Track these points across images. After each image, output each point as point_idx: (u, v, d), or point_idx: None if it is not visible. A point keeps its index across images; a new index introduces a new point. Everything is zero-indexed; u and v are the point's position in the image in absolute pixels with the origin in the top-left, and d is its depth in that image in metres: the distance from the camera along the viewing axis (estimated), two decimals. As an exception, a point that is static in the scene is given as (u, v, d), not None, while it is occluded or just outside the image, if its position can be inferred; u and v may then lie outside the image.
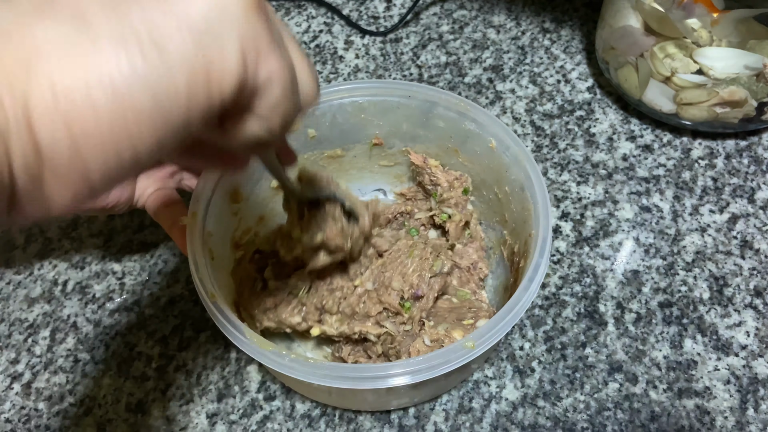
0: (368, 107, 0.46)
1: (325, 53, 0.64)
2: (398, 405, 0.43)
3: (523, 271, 0.38)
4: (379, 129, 0.48)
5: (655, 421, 0.43)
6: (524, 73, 0.61)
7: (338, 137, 0.48)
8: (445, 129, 0.46)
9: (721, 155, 0.55)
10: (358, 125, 0.47)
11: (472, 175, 0.47)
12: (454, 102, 0.44)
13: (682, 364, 0.45)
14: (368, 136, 0.48)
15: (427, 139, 0.47)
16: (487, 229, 0.49)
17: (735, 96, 0.50)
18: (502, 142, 0.43)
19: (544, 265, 0.37)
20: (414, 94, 0.45)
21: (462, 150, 0.46)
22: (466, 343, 0.34)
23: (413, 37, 0.65)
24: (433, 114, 0.45)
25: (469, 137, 0.45)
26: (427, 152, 0.48)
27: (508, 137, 0.43)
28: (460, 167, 0.48)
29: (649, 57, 0.52)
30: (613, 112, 0.58)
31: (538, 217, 0.39)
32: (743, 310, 0.47)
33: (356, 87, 0.45)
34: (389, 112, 0.46)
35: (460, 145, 0.46)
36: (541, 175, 0.41)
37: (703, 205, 0.52)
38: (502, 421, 0.43)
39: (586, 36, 0.64)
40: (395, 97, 0.45)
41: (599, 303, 0.48)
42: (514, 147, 0.42)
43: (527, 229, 0.40)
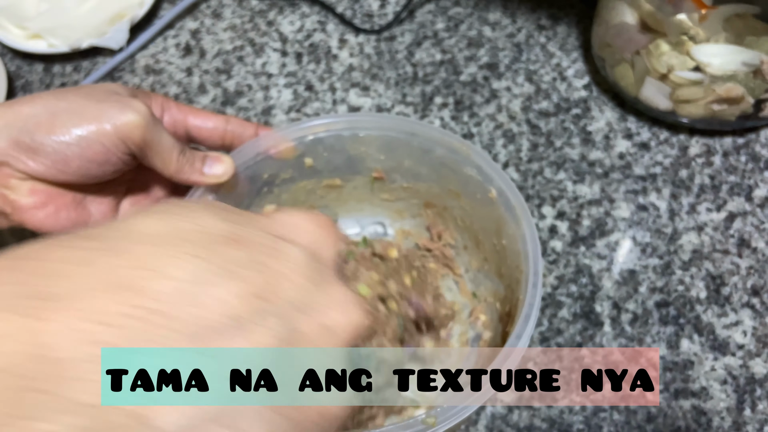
0: (368, 141, 0.44)
1: (318, 52, 0.64)
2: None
3: (506, 337, 0.36)
4: (380, 163, 0.46)
5: (652, 422, 0.42)
6: (520, 71, 0.61)
7: (336, 168, 0.46)
8: (447, 171, 0.44)
9: (719, 153, 0.54)
10: (358, 158, 0.46)
11: (473, 220, 0.45)
12: (457, 145, 0.42)
13: (678, 365, 0.44)
14: (369, 169, 0.47)
15: (430, 178, 0.46)
16: (485, 280, 0.46)
17: (732, 93, 0.50)
18: (501, 193, 0.41)
19: (523, 341, 0.35)
20: (417, 132, 0.43)
21: (464, 194, 0.44)
22: (427, 419, 0.32)
23: (408, 35, 0.64)
24: (435, 154, 0.43)
25: (470, 183, 0.43)
26: (429, 191, 0.47)
27: (508, 189, 0.40)
28: (461, 212, 0.46)
29: (646, 54, 0.52)
30: (609, 110, 0.58)
31: (527, 285, 0.37)
32: (740, 310, 0.46)
33: (357, 119, 0.44)
34: (391, 148, 0.45)
35: (462, 189, 0.44)
36: (536, 238, 0.38)
37: (700, 204, 0.52)
38: (497, 423, 0.43)
39: (582, 33, 0.63)
40: (397, 133, 0.43)
41: (595, 303, 0.47)
42: (513, 200, 0.40)
43: (518, 292, 0.38)
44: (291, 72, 0.62)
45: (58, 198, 0.38)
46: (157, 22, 0.66)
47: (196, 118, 0.42)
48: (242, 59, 0.64)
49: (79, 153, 0.36)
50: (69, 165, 0.36)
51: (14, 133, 0.35)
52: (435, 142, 0.43)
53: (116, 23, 0.64)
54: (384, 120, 0.44)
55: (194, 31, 0.66)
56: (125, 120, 0.36)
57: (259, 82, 0.62)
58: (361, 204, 0.50)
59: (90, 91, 0.37)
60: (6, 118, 0.35)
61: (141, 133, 0.36)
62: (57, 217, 0.38)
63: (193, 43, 0.66)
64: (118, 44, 0.63)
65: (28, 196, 0.37)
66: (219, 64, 0.64)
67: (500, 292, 0.44)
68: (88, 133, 0.35)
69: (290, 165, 0.44)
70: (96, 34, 0.63)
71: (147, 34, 0.65)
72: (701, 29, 0.48)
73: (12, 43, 0.63)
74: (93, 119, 0.35)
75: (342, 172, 0.47)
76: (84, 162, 0.36)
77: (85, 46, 0.63)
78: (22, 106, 0.36)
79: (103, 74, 0.63)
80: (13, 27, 0.64)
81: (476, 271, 0.48)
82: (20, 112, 0.36)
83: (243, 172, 0.42)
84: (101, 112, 0.36)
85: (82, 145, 0.35)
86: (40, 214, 0.38)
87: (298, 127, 0.43)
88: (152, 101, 0.40)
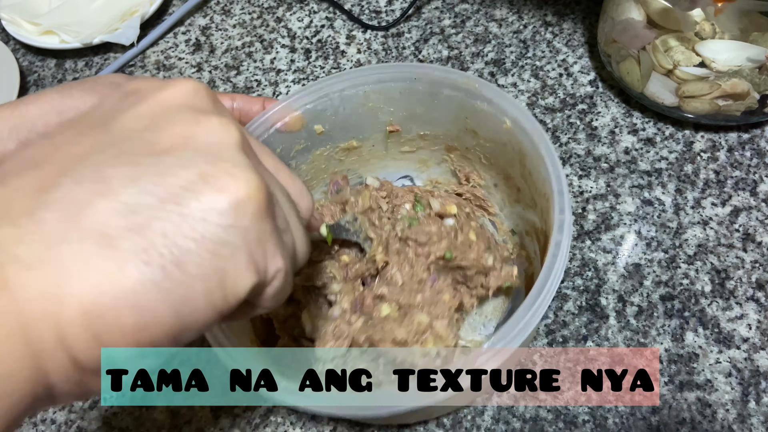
0: (373, 95, 0.43)
1: (327, 48, 0.64)
2: (415, 420, 0.43)
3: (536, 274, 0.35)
4: (392, 115, 0.45)
5: (656, 414, 0.43)
6: (526, 67, 0.61)
7: (349, 129, 0.45)
8: (458, 110, 0.42)
9: (724, 148, 0.55)
10: (367, 114, 0.44)
11: (497, 156, 0.44)
12: (462, 81, 0.41)
13: (683, 357, 0.45)
14: (382, 124, 0.46)
15: (445, 121, 0.44)
16: (523, 213, 0.45)
17: (737, 88, 0.50)
18: (515, 122, 0.39)
19: (552, 280, 0.34)
20: (419, 76, 0.42)
21: (481, 131, 0.43)
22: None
23: (415, 32, 0.65)
24: (443, 95, 0.42)
25: (484, 117, 0.41)
26: (447, 134, 0.45)
27: (521, 115, 0.39)
28: (483, 149, 0.44)
29: (651, 50, 0.52)
30: (615, 105, 0.58)
31: (555, 206, 0.35)
32: (745, 303, 0.47)
33: (356, 75, 0.43)
34: (398, 98, 0.43)
35: (478, 126, 0.42)
36: (557, 160, 0.37)
37: (705, 198, 0.52)
38: (503, 413, 0.43)
39: (588, 29, 0.64)
40: (400, 81, 0.42)
41: (601, 296, 0.48)
42: (528, 127, 0.38)
43: (548, 222, 0.37)
44: (299, 68, 0.63)
45: None
46: (168, 18, 0.66)
47: None
48: (251, 55, 0.64)
49: None
50: None
51: (23, 135, 0.35)
52: (440, 83, 0.42)
53: (127, 19, 0.65)
54: (384, 69, 0.43)
55: (204, 27, 0.67)
56: None
57: (268, 77, 0.63)
58: (384, 161, 0.49)
59: (93, 85, 0.37)
60: (13, 120, 0.35)
61: None
62: None
63: (203, 39, 0.66)
64: (129, 40, 0.64)
65: None
66: (228, 60, 0.64)
67: (538, 223, 0.42)
68: None
69: (301, 135, 0.44)
70: (107, 30, 0.64)
71: (157, 31, 0.65)
72: (717, 24, 0.49)
73: (24, 39, 0.64)
74: None
75: (356, 133, 0.46)
76: None
77: (97, 41, 0.63)
78: (29, 107, 0.36)
79: (114, 70, 0.64)
80: (25, 23, 0.65)
81: (511, 207, 0.46)
82: (27, 113, 0.35)
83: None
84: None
85: None
86: None
87: (302, 93, 0.43)
88: None
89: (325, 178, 0.48)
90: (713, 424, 0.42)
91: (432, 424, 0.43)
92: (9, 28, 0.65)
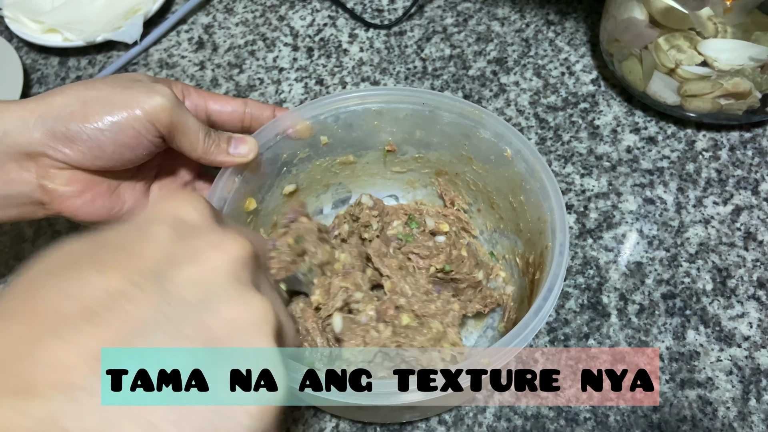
0: (381, 114, 0.45)
1: (329, 47, 0.65)
2: (411, 418, 0.43)
3: (539, 284, 0.37)
4: (392, 136, 0.47)
5: (658, 411, 0.43)
6: (528, 66, 0.61)
7: (351, 144, 0.47)
8: (459, 137, 0.45)
9: (726, 147, 0.55)
10: (371, 132, 0.47)
11: (486, 183, 0.47)
12: (469, 110, 0.44)
13: (684, 355, 0.45)
14: (381, 143, 0.48)
15: (441, 146, 0.47)
16: (501, 238, 0.48)
17: (739, 87, 0.50)
18: (518, 152, 0.42)
19: (559, 282, 0.36)
20: (428, 101, 0.44)
21: (476, 158, 0.46)
22: (482, 360, 0.33)
23: (417, 30, 0.65)
24: (447, 122, 0.45)
25: (484, 145, 0.44)
26: (440, 159, 0.48)
27: (524, 147, 0.42)
28: (474, 175, 0.47)
29: (654, 49, 0.52)
30: (617, 104, 0.58)
31: (555, 229, 0.38)
32: (746, 302, 0.47)
33: (369, 94, 0.45)
34: (402, 119, 0.46)
35: (475, 153, 0.45)
36: (556, 184, 0.40)
37: (706, 197, 0.52)
38: (505, 411, 0.44)
39: (590, 28, 0.64)
40: (408, 104, 0.45)
41: (602, 294, 0.48)
42: (530, 157, 0.41)
43: (543, 240, 0.40)
44: (302, 66, 0.63)
45: (95, 186, 0.40)
46: (171, 16, 0.67)
47: (215, 103, 0.43)
48: (254, 53, 0.65)
49: (113, 138, 0.37)
50: (104, 150, 0.37)
51: (49, 123, 0.36)
52: (446, 110, 0.44)
53: (130, 18, 0.65)
54: (395, 92, 0.45)
55: (207, 25, 0.67)
56: (153, 104, 0.37)
57: (270, 76, 0.63)
58: (373, 179, 0.51)
59: (116, 79, 0.39)
60: (40, 110, 0.37)
61: (168, 115, 0.37)
62: (93, 204, 0.40)
63: (206, 37, 0.66)
64: (132, 38, 0.64)
65: (66, 185, 0.39)
66: (231, 58, 0.64)
67: (518, 248, 0.45)
68: (119, 119, 0.37)
69: (307, 144, 0.45)
70: (110, 29, 0.64)
71: (160, 29, 0.66)
72: (726, 21, 0.49)
73: (28, 37, 0.64)
74: (123, 105, 0.37)
75: (356, 148, 0.48)
76: (118, 147, 0.37)
77: (100, 40, 0.64)
78: (54, 97, 0.37)
79: (117, 68, 0.64)
80: (29, 21, 0.65)
81: (491, 231, 0.49)
82: (53, 102, 0.37)
83: (264, 153, 0.43)
84: (130, 98, 0.37)
85: (114, 131, 0.37)
86: (78, 202, 0.39)
87: (313, 105, 0.44)
88: (174, 87, 0.42)
89: (317, 188, 0.50)
90: (714, 421, 0.42)
91: (434, 422, 0.43)
92: (12, 26, 0.65)
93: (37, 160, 0.37)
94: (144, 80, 0.39)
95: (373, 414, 0.43)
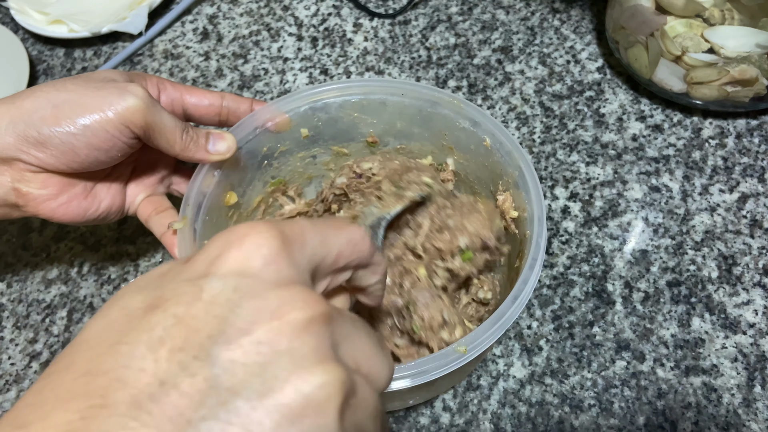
0: (361, 106, 0.45)
1: (333, 36, 0.64)
2: (400, 407, 0.44)
3: (519, 271, 0.37)
4: (373, 127, 0.47)
5: (662, 398, 0.43)
6: (533, 54, 0.61)
7: (333, 136, 0.47)
8: (439, 127, 0.45)
9: (732, 134, 0.54)
10: (352, 124, 0.46)
11: (467, 172, 0.47)
12: (447, 100, 0.44)
13: (689, 342, 0.45)
14: (362, 135, 0.48)
15: (422, 137, 0.47)
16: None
17: (746, 75, 0.50)
18: (497, 141, 0.42)
19: (537, 266, 0.36)
20: (407, 92, 0.44)
21: (457, 148, 0.46)
22: (458, 348, 0.33)
23: (422, 19, 0.65)
24: (427, 112, 0.45)
25: (463, 135, 0.44)
26: (422, 149, 0.48)
27: (503, 135, 0.42)
28: (455, 165, 0.47)
29: (660, 36, 0.52)
30: (623, 92, 0.58)
31: (533, 218, 0.38)
32: (752, 289, 0.47)
33: (349, 86, 0.45)
34: (382, 111, 0.45)
35: (455, 143, 0.45)
36: (535, 173, 0.40)
37: (712, 185, 0.52)
38: (509, 398, 0.44)
39: (596, 16, 0.63)
40: (388, 95, 0.44)
41: (607, 282, 0.48)
42: (509, 145, 0.41)
43: (522, 229, 0.40)
44: (306, 56, 0.63)
45: (70, 188, 0.39)
46: (175, 7, 0.67)
47: (192, 96, 0.43)
48: (258, 44, 0.65)
49: (86, 142, 0.36)
50: (78, 154, 0.37)
51: (21, 128, 0.36)
52: (425, 100, 0.44)
53: (135, 8, 0.65)
54: (374, 83, 0.45)
55: (211, 16, 0.67)
56: (125, 105, 0.36)
57: (275, 66, 0.63)
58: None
59: (87, 79, 0.38)
60: (10, 115, 0.36)
61: (142, 116, 0.36)
62: (69, 206, 0.39)
63: (211, 28, 0.66)
64: (137, 29, 0.64)
65: (41, 188, 0.38)
66: (236, 48, 0.64)
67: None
68: (92, 122, 0.36)
69: (287, 137, 0.45)
70: (116, 20, 0.64)
71: (165, 20, 0.66)
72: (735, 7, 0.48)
73: (33, 28, 0.64)
74: (95, 108, 0.36)
75: (338, 140, 0.48)
76: (92, 150, 0.37)
77: (105, 31, 0.64)
78: (24, 101, 0.36)
79: (122, 59, 0.64)
80: (34, 12, 0.65)
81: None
82: (23, 107, 0.36)
83: (243, 146, 0.43)
84: (102, 100, 0.36)
85: (87, 135, 0.36)
86: (53, 204, 0.39)
87: (291, 98, 0.44)
88: (148, 83, 0.41)
89: (300, 181, 0.50)
90: (719, 408, 0.42)
91: (438, 408, 0.44)
92: (18, 18, 0.65)
93: (11, 164, 0.37)
94: (117, 78, 0.38)
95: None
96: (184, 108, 0.43)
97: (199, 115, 0.43)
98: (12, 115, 0.36)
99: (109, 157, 0.38)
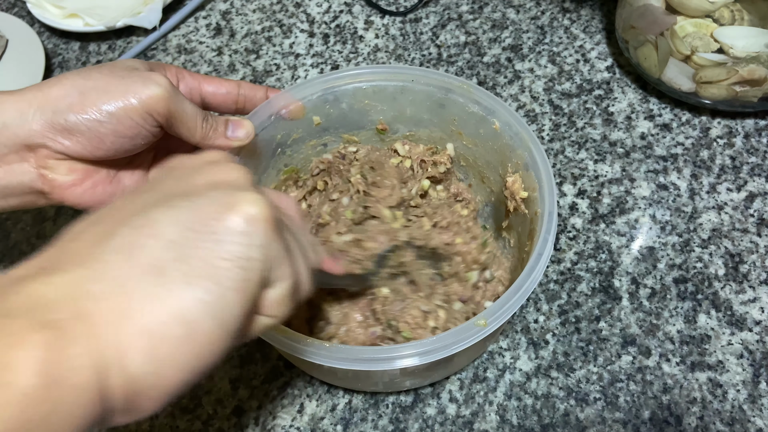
0: (372, 93, 0.46)
1: (345, 33, 0.65)
2: (412, 385, 0.44)
3: (531, 250, 0.38)
4: (383, 114, 0.48)
5: (668, 393, 0.43)
6: (543, 53, 0.62)
7: (343, 124, 0.48)
8: (448, 113, 0.46)
9: (740, 134, 0.55)
10: (362, 111, 0.47)
11: (476, 157, 0.47)
12: (457, 85, 0.44)
13: (695, 338, 0.45)
14: (373, 122, 0.48)
15: (432, 123, 0.47)
16: (493, 211, 0.49)
17: (755, 74, 0.50)
18: (506, 123, 0.43)
19: (551, 240, 0.37)
20: (417, 78, 0.45)
21: (465, 133, 0.46)
22: (478, 321, 0.34)
23: (432, 17, 0.65)
24: (436, 98, 0.45)
25: (472, 119, 0.45)
26: (431, 136, 0.48)
27: (512, 118, 0.42)
28: (464, 150, 0.48)
29: (669, 36, 0.52)
30: (632, 91, 0.58)
31: (544, 196, 0.39)
32: (758, 287, 0.47)
33: (360, 73, 0.45)
34: (393, 98, 0.46)
35: (464, 127, 0.46)
36: (545, 154, 0.40)
37: (720, 184, 0.52)
38: (515, 390, 0.44)
39: (605, 15, 0.64)
40: (399, 82, 0.45)
41: (614, 278, 0.48)
42: (518, 127, 0.42)
43: (533, 208, 0.40)
44: (318, 52, 0.64)
45: (94, 174, 0.40)
46: (189, 2, 0.67)
47: (209, 85, 0.44)
48: (271, 39, 0.65)
49: (112, 129, 0.37)
50: (104, 141, 0.37)
51: (48, 115, 0.36)
52: (435, 86, 0.45)
53: (150, 3, 0.66)
54: (384, 70, 0.45)
55: (224, 12, 0.68)
56: (149, 93, 0.37)
57: (287, 61, 0.63)
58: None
59: (111, 68, 0.38)
60: (38, 101, 0.36)
61: (165, 104, 0.37)
62: (94, 192, 0.40)
63: (224, 23, 0.67)
64: (151, 24, 0.65)
65: (66, 174, 0.39)
66: (248, 44, 0.65)
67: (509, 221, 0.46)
68: (117, 110, 0.36)
69: (300, 124, 0.46)
70: (130, 14, 0.65)
71: (179, 15, 0.67)
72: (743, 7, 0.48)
73: (49, 22, 0.65)
74: (120, 96, 0.37)
75: (348, 128, 0.48)
76: (117, 138, 0.37)
77: (120, 25, 0.65)
78: (51, 88, 0.37)
79: (137, 53, 0.65)
80: (50, 6, 0.66)
81: (483, 205, 0.50)
82: (50, 94, 0.36)
83: (259, 134, 0.44)
84: (126, 88, 0.37)
85: (113, 122, 0.37)
86: (79, 190, 0.40)
87: (304, 85, 0.45)
88: (167, 72, 0.42)
89: (309, 167, 0.50)
90: (724, 404, 0.43)
91: (445, 399, 0.44)
92: (34, 11, 0.66)
93: (37, 151, 0.37)
94: (140, 68, 0.39)
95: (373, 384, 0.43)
96: (202, 96, 0.44)
97: (217, 103, 0.44)
98: (39, 102, 0.36)
99: (133, 144, 0.38)
